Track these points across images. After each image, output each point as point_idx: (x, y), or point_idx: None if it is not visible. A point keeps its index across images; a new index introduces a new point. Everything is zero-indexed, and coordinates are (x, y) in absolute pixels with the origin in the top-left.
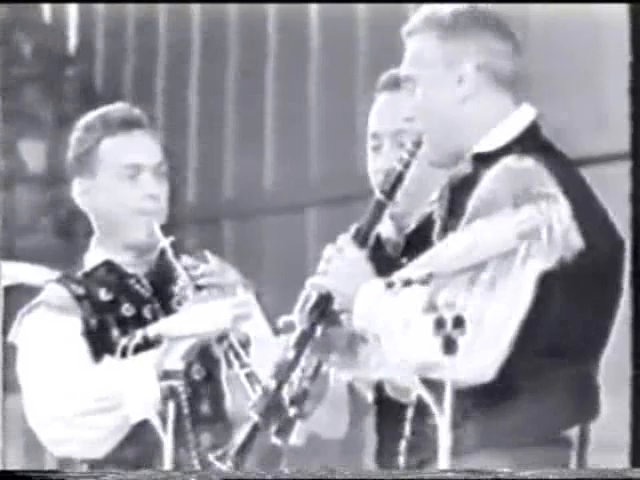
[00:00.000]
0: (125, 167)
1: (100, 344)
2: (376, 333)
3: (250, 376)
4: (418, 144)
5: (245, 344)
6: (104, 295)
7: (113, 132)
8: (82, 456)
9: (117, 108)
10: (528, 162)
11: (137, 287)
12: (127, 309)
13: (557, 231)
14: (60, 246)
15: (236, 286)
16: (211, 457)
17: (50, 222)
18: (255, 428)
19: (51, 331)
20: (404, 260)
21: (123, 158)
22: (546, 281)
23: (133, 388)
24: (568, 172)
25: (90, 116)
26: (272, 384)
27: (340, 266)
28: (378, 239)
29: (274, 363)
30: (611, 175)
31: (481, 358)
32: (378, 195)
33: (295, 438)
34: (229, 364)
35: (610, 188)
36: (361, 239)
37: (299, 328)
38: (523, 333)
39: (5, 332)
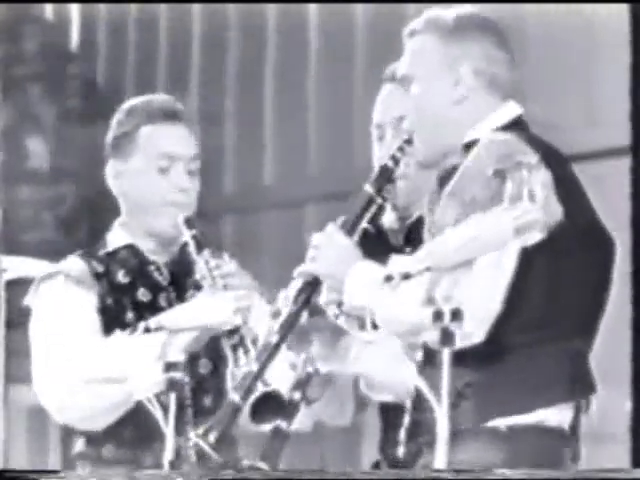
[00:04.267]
0: (160, 156)
1: (114, 323)
2: (368, 308)
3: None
4: (409, 142)
5: (255, 341)
6: (122, 277)
7: (153, 120)
8: (82, 426)
9: (161, 98)
10: (508, 135)
11: (156, 274)
12: (143, 294)
13: (539, 197)
14: (62, 241)
15: (254, 294)
16: (192, 434)
17: (52, 218)
18: (236, 409)
19: (66, 301)
20: (407, 250)
21: (159, 147)
22: (530, 250)
23: (137, 368)
24: (548, 148)
25: (134, 101)
26: (254, 367)
27: (328, 251)
28: (380, 229)
29: (257, 347)
30: (609, 173)
31: (469, 319)
32: (368, 189)
33: (301, 424)
34: (236, 360)
35: (608, 186)
36: (348, 229)
37: (284, 313)
38: (510, 301)
39: (8, 325)
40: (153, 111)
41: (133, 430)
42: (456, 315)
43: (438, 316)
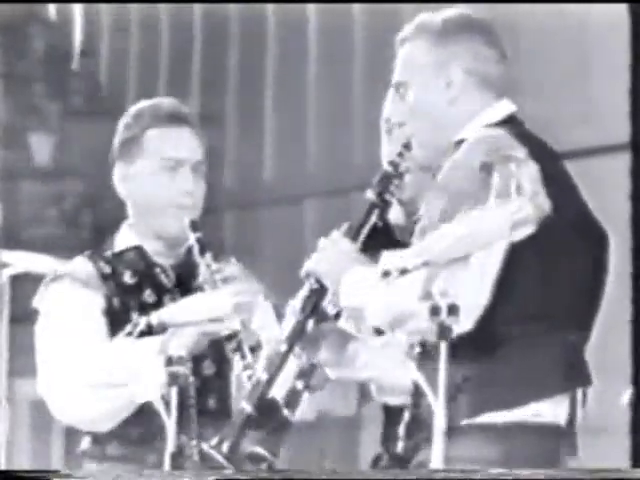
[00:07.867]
0: (166, 159)
1: (119, 324)
2: (362, 308)
3: (252, 378)
4: (408, 147)
5: (255, 347)
6: (129, 278)
7: (159, 124)
8: (87, 428)
9: (168, 102)
10: (498, 131)
11: (162, 276)
12: (149, 295)
13: (527, 190)
14: (65, 237)
15: (256, 294)
16: (205, 446)
17: (56, 214)
18: (248, 419)
19: (72, 303)
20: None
21: (165, 150)
22: (518, 243)
23: (140, 369)
24: (538, 143)
25: (141, 105)
26: (264, 377)
27: (332, 254)
28: (387, 224)
29: (266, 356)
30: (608, 170)
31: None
32: (370, 195)
33: (305, 413)
34: (236, 364)
35: (607, 183)
36: (353, 235)
37: (291, 322)
38: (500, 294)
39: (12, 319)
40: (159, 115)
41: (138, 429)
42: (453, 310)
43: (435, 311)
